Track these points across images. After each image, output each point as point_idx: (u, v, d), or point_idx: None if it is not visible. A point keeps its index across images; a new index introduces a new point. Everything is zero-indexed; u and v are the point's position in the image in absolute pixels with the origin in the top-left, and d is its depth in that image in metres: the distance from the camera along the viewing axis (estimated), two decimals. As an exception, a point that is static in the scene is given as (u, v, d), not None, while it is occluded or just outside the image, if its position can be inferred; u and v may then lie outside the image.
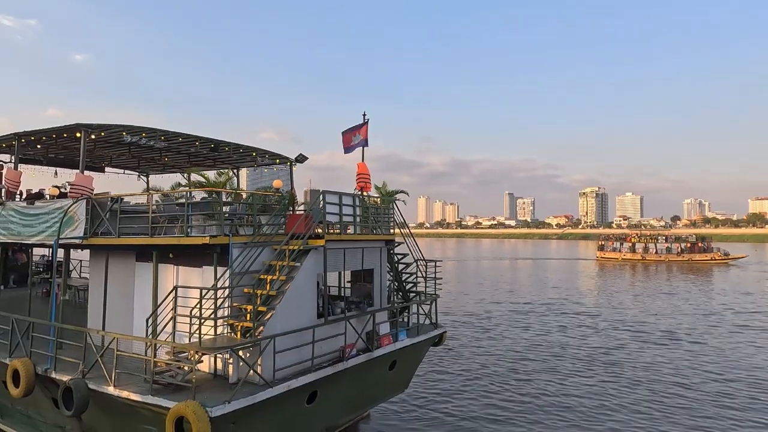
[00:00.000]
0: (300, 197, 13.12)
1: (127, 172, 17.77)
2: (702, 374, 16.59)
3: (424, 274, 13.25)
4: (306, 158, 15.18)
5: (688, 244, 72.42)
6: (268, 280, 9.19)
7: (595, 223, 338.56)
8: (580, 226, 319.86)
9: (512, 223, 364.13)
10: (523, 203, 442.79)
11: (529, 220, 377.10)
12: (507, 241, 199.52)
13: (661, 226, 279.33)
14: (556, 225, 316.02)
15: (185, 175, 20.40)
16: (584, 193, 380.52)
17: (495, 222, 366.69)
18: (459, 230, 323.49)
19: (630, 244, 76.77)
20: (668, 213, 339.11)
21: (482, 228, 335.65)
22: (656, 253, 73.31)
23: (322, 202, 10.02)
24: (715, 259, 68.75)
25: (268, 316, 8.75)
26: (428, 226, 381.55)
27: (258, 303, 8.84)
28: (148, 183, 18.35)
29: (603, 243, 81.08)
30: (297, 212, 11.67)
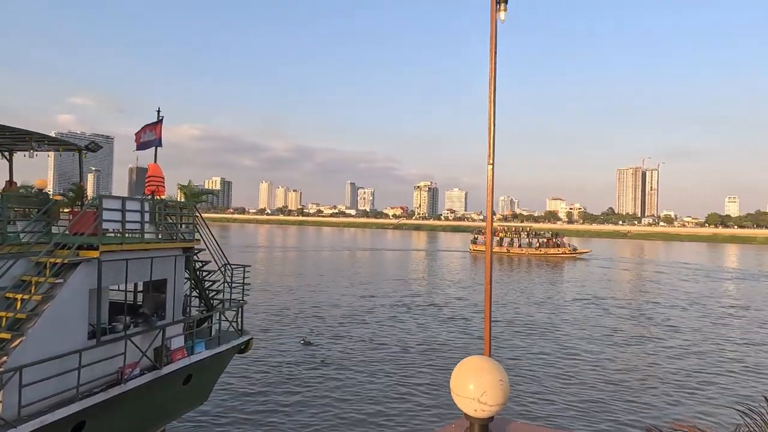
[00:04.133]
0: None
1: None
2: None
3: (229, 281, 12.74)
4: (99, 147, 13.38)
5: (545, 240, 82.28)
6: (19, 300, 7.83)
7: (426, 215, 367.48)
8: (413, 218, 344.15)
9: (353, 212, 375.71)
10: (364, 193, 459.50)
11: (368, 209, 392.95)
12: (347, 230, 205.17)
13: (480, 219, 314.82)
14: (392, 215, 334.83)
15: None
16: (419, 187, 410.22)
17: (336, 210, 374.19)
18: (301, 218, 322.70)
19: (498, 238, 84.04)
20: (486, 207, 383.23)
21: (324, 216, 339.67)
22: (519, 247, 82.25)
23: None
24: (566, 254, 78.83)
25: (16, 343, 7.46)
26: (269, 212, 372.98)
27: (1, 327, 7.48)
28: None
29: (476, 236, 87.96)
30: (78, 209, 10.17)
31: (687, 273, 58.01)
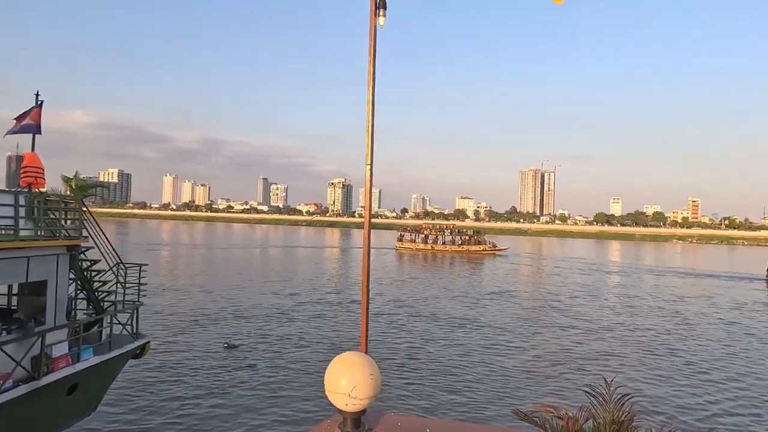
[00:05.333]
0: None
1: None
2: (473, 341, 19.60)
3: (123, 281, 11.86)
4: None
5: (468, 237, 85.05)
6: None
7: (341, 211, 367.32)
8: (327, 214, 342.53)
9: (265, 208, 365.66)
10: (277, 189, 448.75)
11: (281, 206, 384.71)
12: (259, 227, 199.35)
13: (393, 216, 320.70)
14: (306, 212, 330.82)
15: None
16: (333, 183, 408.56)
17: (248, 206, 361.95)
18: (209, 214, 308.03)
19: (423, 236, 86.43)
20: (399, 205, 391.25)
21: (234, 212, 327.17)
22: (443, 244, 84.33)
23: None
24: (486, 250, 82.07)
25: None
26: (174, 207, 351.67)
27: None
28: None
29: (402, 234, 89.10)
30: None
31: (582, 267, 63.75)
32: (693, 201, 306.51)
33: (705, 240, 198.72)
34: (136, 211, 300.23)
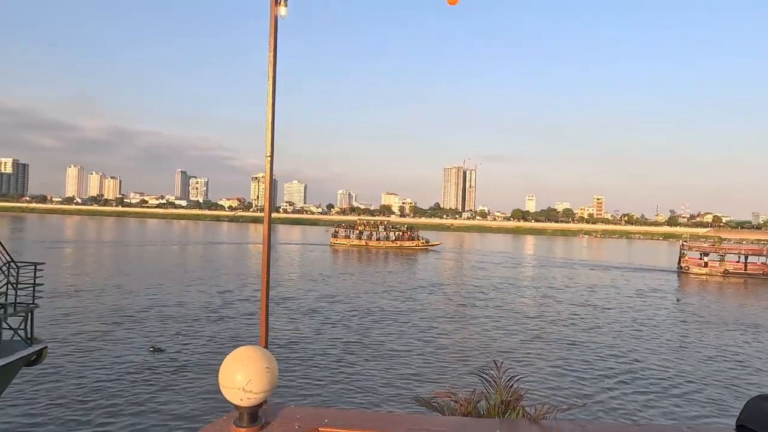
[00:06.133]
0: None
1: None
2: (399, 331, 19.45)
3: (14, 281, 10.71)
4: None
5: (401, 233, 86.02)
6: None
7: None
8: (251, 210, 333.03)
9: (183, 203, 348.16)
10: (197, 183, 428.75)
11: (201, 200, 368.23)
12: (177, 223, 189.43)
13: (319, 212, 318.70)
14: (228, 207, 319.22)
15: None
16: (257, 178, 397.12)
17: (164, 201, 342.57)
18: (120, 208, 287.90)
19: (358, 232, 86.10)
20: (326, 201, 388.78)
21: (149, 207, 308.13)
22: (378, 240, 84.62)
23: None
24: (420, 246, 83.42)
25: None
26: (80, 201, 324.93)
27: None
28: None
29: (337, 230, 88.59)
30: None
31: (503, 261, 67.27)
32: (597, 199, 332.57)
33: (607, 234, 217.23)
34: (34, 205, 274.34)
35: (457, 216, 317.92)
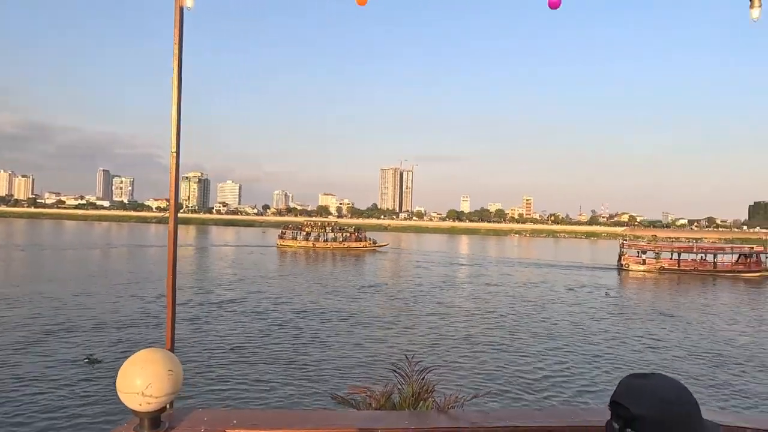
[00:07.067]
0: None
1: None
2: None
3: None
4: None
5: (349, 234, 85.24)
6: None
7: (197, 207, 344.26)
8: (181, 211, 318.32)
9: (106, 203, 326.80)
10: (121, 183, 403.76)
11: (126, 201, 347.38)
12: (99, 225, 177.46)
13: (255, 213, 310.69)
14: (156, 208, 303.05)
15: None
16: (188, 177, 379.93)
17: (84, 201, 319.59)
18: (33, 209, 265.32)
19: (305, 233, 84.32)
20: (261, 201, 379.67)
21: (66, 208, 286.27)
22: (325, 241, 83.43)
23: None
24: (367, 247, 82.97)
25: None
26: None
27: None
28: None
29: (284, 231, 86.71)
30: None
31: (442, 260, 68.69)
32: (527, 200, 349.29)
33: (536, 234, 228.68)
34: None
35: (395, 216, 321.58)
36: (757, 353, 20.94)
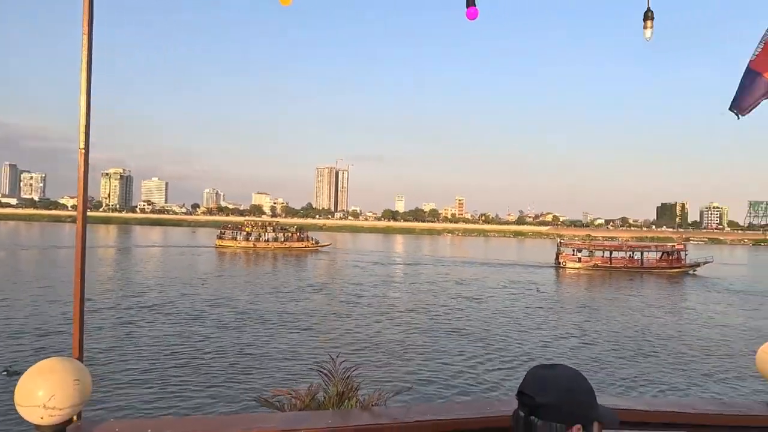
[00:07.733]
0: None
1: None
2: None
3: None
4: None
5: (291, 234, 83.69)
6: None
7: (118, 206, 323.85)
8: (101, 209, 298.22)
9: (13, 201, 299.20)
10: (31, 179, 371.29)
11: (37, 198, 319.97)
12: (4, 224, 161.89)
13: (183, 212, 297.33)
14: (72, 206, 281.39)
15: None
16: (108, 174, 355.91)
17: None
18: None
19: (245, 233, 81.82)
20: (190, 200, 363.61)
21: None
22: (266, 241, 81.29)
23: None
24: (309, 247, 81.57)
25: None
26: None
27: None
28: None
29: (223, 231, 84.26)
30: None
31: (378, 260, 69.03)
32: (459, 200, 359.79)
33: (468, 233, 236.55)
34: None
35: (330, 216, 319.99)
36: (673, 344, 22.83)
